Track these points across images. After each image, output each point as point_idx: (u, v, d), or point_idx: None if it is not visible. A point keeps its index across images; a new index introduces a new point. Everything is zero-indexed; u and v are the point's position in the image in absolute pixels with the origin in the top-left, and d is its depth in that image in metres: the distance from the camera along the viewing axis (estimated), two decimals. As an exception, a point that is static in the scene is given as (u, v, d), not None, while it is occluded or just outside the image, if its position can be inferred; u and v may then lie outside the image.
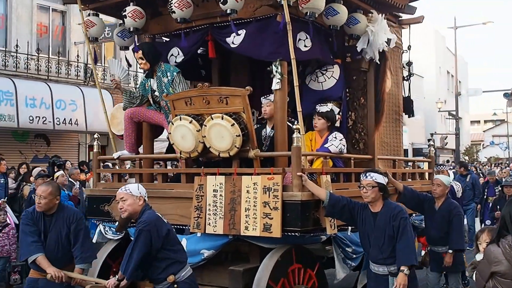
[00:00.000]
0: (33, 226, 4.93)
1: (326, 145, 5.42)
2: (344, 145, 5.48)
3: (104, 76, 16.21)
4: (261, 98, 5.84)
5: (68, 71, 16.09)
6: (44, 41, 15.96)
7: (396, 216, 4.56)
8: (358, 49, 5.98)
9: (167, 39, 6.51)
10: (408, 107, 7.76)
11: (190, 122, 5.19)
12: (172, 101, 5.47)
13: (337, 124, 5.92)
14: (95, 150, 6.21)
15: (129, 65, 7.40)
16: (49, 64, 15.55)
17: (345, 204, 4.80)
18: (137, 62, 5.94)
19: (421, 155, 32.58)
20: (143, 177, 6.06)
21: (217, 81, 7.00)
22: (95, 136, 6.21)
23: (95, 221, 6.31)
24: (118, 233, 5.97)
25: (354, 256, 5.34)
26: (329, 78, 5.99)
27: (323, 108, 5.66)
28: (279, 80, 5.26)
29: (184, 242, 5.29)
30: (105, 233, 6.03)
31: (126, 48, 6.58)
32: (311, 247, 5.39)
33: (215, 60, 7.13)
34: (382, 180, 4.69)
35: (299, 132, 4.86)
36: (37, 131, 15.35)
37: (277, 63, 5.26)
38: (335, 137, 5.50)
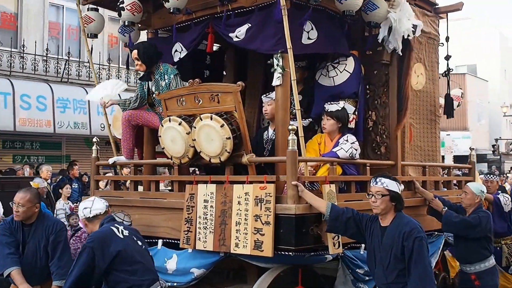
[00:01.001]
0: (10, 236, 4.55)
1: (334, 149, 4.71)
2: (356, 149, 4.75)
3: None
4: (262, 97, 5.20)
5: (136, 81, 16.03)
6: (114, 51, 16.45)
7: (408, 235, 3.79)
8: (379, 39, 5.23)
9: (170, 34, 5.98)
10: (448, 107, 6.91)
11: (180, 124, 4.63)
12: (164, 101, 4.93)
13: (352, 125, 5.19)
14: (93, 155, 5.75)
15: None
16: (119, 73, 15.86)
17: (350, 217, 4.08)
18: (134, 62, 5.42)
19: (485, 162, 30.79)
20: (144, 184, 5.57)
21: (232, 79, 6.43)
22: (94, 140, 5.76)
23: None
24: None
25: (367, 278, 4.60)
26: (342, 72, 5.26)
27: (332, 106, 4.95)
28: (280, 75, 4.60)
29: (174, 259, 4.75)
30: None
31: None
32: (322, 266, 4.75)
33: (230, 54, 6.59)
34: (396, 187, 3.94)
35: (296, 134, 4.19)
36: (107, 138, 15.30)
37: (278, 55, 4.60)
38: (346, 140, 4.79)
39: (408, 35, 5.23)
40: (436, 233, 5.71)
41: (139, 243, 4.09)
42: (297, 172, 4.19)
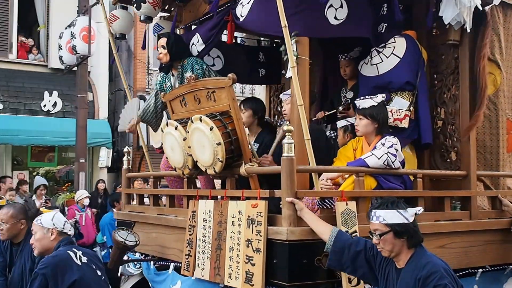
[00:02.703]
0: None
1: (363, 156, 3.64)
2: (394, 155, 3.63)
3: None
4: (281, 95, 4.29)
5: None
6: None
7: (425, 281, 2.66)
8: (443, 15, 4.04)
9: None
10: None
11: (176, 128, 3.92)
12: (169, 103, 4.27)
13: (403, 124, 4.05)
14: (124, 166, 5.27)
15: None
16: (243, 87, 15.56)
17: (360, 250, 3.02)
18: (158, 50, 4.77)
19: None
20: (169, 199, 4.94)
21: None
22: (125, 150, 5.28)
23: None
24: (138, 267, 4.96)
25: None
26: (388, 56, 4.14)
27: (365, 102, 3.88)
28: (295, 65, 3.68)
29: (178, 285, 4.04)
30: (127, 265, 5.04)
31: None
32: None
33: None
34: (399, 217, 2.81)
35: (291, 136, 3.25)
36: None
37: (291, 39, 3.70)
38: (383, 144, 3.69)
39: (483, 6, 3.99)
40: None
41: (98, 272, 3.46)
42: (294, 186, 3.24)
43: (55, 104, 12.99)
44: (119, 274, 5.15)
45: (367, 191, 3.55)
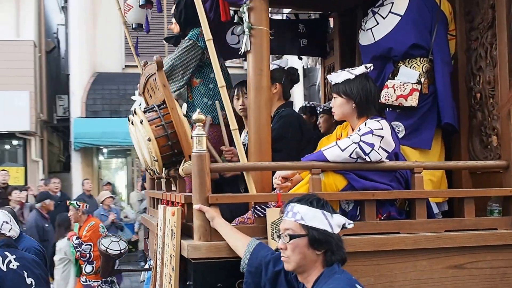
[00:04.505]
0: None
1: (324, 148, 2.75)
2: (371, 145, 2.67)
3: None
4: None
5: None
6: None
7: None
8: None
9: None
10: None
11: (132, 123, 3.43)
12: (143, 95, 3.78)
13: (411, 102, 3.05)
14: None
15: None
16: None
17: (280, 270, 2.23)
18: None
19: None
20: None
21: (338, 57, 4.82)
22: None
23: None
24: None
25: None
26: (385, 17, 3.15)
27: (339, 76, 2.94)
28: (248, 36, 2.96)
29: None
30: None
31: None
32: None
33: (336, 20, 4.92)
34: (323, 223, 2.00)
35: (202, 126, 2.54)
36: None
37: (244, 7, 2.99)
38: (359, 130, 2.77)
39: None
40: None
41: (29, 280, 3.13)
42: (205, 189, 2.53)
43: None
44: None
45: (322, 193, 2.66)
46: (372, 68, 2.97)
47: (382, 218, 2.79)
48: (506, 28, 2.98)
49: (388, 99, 3.14)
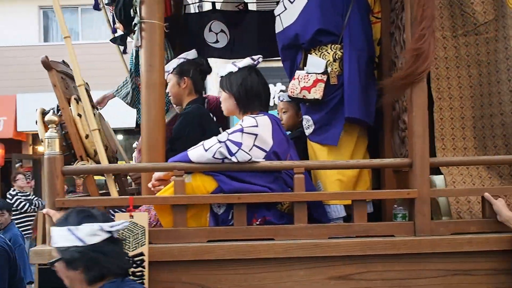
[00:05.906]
0: None
1: (190, 149, 2.58)
2: (238, 144, 2.46)
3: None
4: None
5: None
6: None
7: None
8: None
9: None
10: None
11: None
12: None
13: (315, 94, 2.79)
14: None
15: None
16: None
17: None
18: None
19: None
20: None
21: None
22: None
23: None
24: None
25: None
26: (293, 2, 2.88)
27: (225, 69, 2.74)
28: (138, 31, 2.88)
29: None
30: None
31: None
32: None
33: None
34: (68, 240, 1.92)
35: (55, 128, 2.49)
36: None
37: None
38: (228, 130, 2.58)
39: None
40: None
41: None
42: (55, 192, 2.48)
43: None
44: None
45: (181, 196, 2.50)
46: (261, 59, 2.75)
47: (257, 223, 2.58)
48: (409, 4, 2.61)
49: (294, 91, 2.89)
